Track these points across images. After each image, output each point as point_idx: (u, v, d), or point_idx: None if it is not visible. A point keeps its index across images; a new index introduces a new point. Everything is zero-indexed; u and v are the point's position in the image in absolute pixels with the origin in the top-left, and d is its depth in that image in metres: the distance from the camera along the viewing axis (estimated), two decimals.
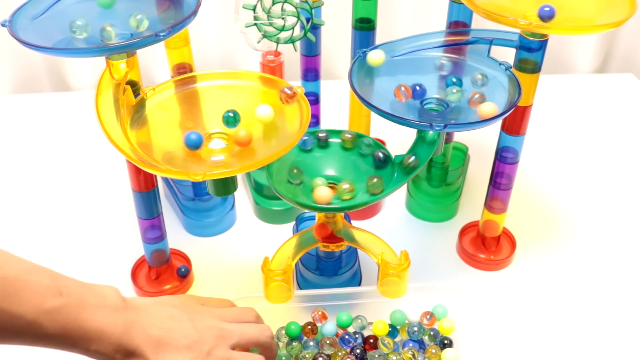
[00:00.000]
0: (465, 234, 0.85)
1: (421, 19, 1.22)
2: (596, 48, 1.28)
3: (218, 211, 0.87)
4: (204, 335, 0.54)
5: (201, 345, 0.53)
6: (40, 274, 0.46)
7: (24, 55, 1.19)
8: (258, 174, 0.89)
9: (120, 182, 0.94)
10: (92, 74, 1.21)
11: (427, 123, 0.60)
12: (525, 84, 0.66)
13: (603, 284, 0.79)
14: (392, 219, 0.90)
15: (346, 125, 0.90)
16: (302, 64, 0.87)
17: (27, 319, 0.44)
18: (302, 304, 0.71)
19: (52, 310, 0.46)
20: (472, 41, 0.70)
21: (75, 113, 1.12)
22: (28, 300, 0.44)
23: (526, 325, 0.74)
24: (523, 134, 0.72)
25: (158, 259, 0.76)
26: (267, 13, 0.72)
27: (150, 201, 0.70)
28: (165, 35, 0.58)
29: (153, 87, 0.65)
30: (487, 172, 0.78)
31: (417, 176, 0.91)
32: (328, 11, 0.86)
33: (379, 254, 0.68)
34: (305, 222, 0.81)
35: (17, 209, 0.91)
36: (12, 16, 0.60)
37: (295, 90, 0.63)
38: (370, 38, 0.80)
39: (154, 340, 0.51)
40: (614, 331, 0.73)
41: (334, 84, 1.09)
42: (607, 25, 0.63)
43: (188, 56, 0.81)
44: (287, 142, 0.58)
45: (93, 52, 0.59)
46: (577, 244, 0.86)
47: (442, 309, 0.71)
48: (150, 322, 0.52)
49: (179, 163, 0.59)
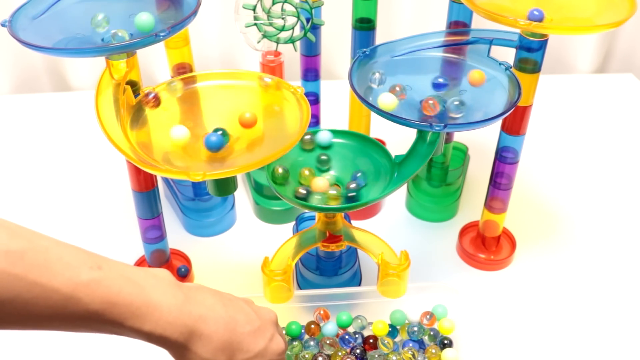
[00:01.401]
0: (465, 234, 0.85)
1: (421, 19, 1.22)
2: (596, 48, 1.28)
3: (218, 211, 0.87)
4: (265, 322, 0.51)
5: (264, 331, 0.50)
6: (73, 248, 0.42)
7: (24, 55, 1.19)
8: (258, 174, 0.89)
9: (120, 182, 0.94)
10: (92, 74, 1.21)
11: (427, 123, 0.60)
12: (525, 84, 0.66)
13: (603, 284, 0.79)
14: (392, 219, 0.90)
15: (346, 125, 0.90)
16: (302, 64, 0.87)
17: (63, 292, 0.39)
18: (302, 304, 0.71)
19: (91, 282, 0.40)
20: (472, 41, 0.70)
21: (75, 113, 1.12)
22: (61, 273, 0.39)
23: (526, 325, 0.74)
24: (523, 134, 0.72)
25: (158, 259, 0.76)
26: (267, 13, 0.72)
27: (150, 201, 0.70)
28: (165, 35, 0.58)
29: (153, 87, 0.65)
30: (487, 172, 0.78)
31: (417, 176, 0.91)
32: (328, 11, 0.86)
33: (379, 254, 0.68)
34: (305, 222, 0.81)
35: (17, 209, 0.91)
36: (12, 16, 0.60)
37: (151, 97, 0.62)
38: (370, 38, 0.80)
39: (221, 322, 0.46)
40: (614, 331, 0.73)
41: (334, 84, 1.09)
42: (607, 25, 0.63)
43: (188, 56, 0.81)
44: (287, 142, 0.58)
45: (93, 52, 0.59)
46: (577, 244, 0.86)
47: (442, 309, 0.71)
48: (213, 303, 0.47)
49: (178, 163, 0.59)
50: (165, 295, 0.44)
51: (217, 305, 0.48)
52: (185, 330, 0.44)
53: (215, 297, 0.49)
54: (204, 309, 0.46)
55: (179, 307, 0.44)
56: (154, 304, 0.42)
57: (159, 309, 0.42)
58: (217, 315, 0.47)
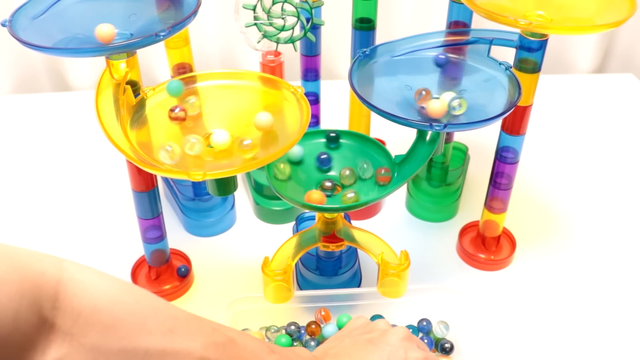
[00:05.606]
0: (465, 234, 0.85)
1: (421, 19, 1.22)
2: (596, 48, 1.28)
3: (218, 211, 0.87)
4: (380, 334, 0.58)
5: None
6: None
7: (24, 55, 1.19)
8: (258, 174, 0.89)
9: (120, 182, 0.94)
10: (92, 74, 1.21)
11: (427, 123, 0.60)
12: (525, 84, 0.66)
13: (603, 284, 0.79)
14: (392, 219, 0.90)
15: (346, 125, 0.90)
16: (302, 64, 0.87)
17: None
18: (302, 304, 0.71)
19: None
20: (472, 41, 0.70)
21: (75, 113, 1.12)
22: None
23: (526, 325, 0.74)
24: (523, 133, 0.72)
25: (158, 259, 0.76)
26: (267, 13, 0.72)
27: (150, 201, 0.70)
28: (165, 35, 0.58)
29: (153, 87, 0.65)
30: (487, 172, 0.78)
31: (417, 176, 0.91)
32: (328, 11, 0.86)
33: (379, 254, 0.68)
34: (305, 222, 0.81)
35: (17, 209, 0.91)
36: (12, 16, 0.60)
37: (180, 114, 0.63)
38: (370, 38, 0.80)
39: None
40: (614, 331, 0.73)
41: (334, 84, 1.09)
42: (607, 25, 0.63)
43: (188, 56, 0.81)
44: (287, 142, 0.58)
45: (93, 52, 0.59)
46: (577, 243, 0.86)
47: (443, 325, 0.71)
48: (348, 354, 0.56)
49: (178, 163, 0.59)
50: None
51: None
52: None
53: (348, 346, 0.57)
54: None
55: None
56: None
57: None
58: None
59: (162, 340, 0.42)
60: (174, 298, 0.77)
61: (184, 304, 0.76)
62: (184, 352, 0.43)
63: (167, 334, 0.42)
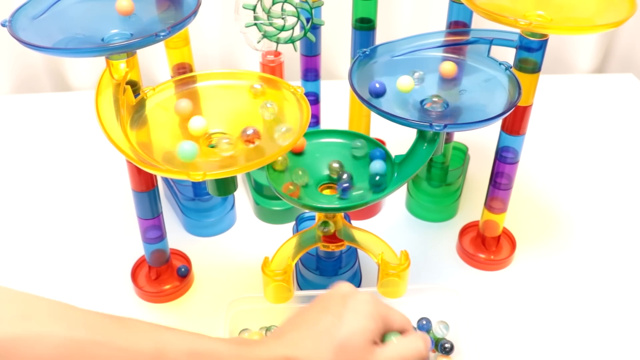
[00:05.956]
0: (465, 234, 0.85)
1: (421, 19, 1.22)
2: (596, 48, 1.28)
3: (218, 211, 0.87)
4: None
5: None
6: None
7: (24, 55, 1.19)
8: (258, 174, 0.89)
9: (120, 182, 0.94)
10: (92, 74, 1.21)
11: (427, 123, 0.60)
12: (525, 84, 0.66)
13: (603, 284, 0.79)
14: (392, 219, 0.90)
15: (346, 125, 0.90)
16: (302, 64, 0.87)
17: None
18: (302, 304, 0.71)
19: None
20: (472, 41, 0.70)
21: (75, 113, 1.12)
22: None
23: (526, 325, 0.74)
24: (523, 134, 0.72)
25: (158, 259, 0.76)
26: (267, 13, 0.72)
27: (150, 201, 0.70)
28: (165, 35, 0.58)
29: (153, 87, 0.65)
30: (487, 172, 0.78)
31: (417, 176, 0.91)
32: (328, 11, 0.86)
33: (379, 254, 0.68)
34: (305, 222, 0.81)
35: (17, 209, 0.91)
36: (12, 16, 0.60)
37: (253, 136, 0.61)
38: (370, 38, 0.80)
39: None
40: (614, 331, 0.73)
41: (334, 84, 1.09)
42: (607, 25, 0.63)
43: (188, 56, 0.81)
44: (286, 142, 0.58)
45: (93, 52, 0.59)
46: (577, 243, 0.86)
47: (443, 325, 0.71)
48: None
49: (178, 163, 0.59)
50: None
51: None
52: None
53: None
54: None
55: None
56: None
57: None
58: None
59: (14, 326, 0.42)
60: (174, 298, 0.77)
61: (184, 304, 0.76)
62: (43, 334, 0.42)
63: (19, 319, 0.42)
